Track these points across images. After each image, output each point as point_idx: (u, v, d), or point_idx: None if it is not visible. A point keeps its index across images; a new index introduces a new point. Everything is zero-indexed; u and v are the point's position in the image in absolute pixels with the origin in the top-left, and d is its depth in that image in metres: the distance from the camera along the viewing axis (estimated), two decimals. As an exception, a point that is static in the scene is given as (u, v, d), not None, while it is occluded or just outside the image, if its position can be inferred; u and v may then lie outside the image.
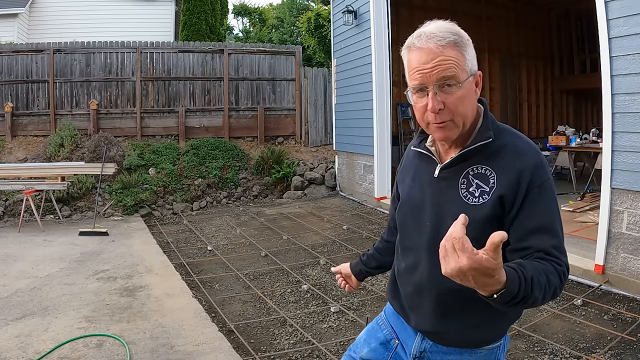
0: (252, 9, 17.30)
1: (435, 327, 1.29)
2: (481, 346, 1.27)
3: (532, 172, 1.15)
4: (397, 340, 1.42)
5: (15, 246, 5.47)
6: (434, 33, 1.15)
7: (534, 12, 10.46)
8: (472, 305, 1.21)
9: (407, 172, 1.40)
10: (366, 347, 1.47)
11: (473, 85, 1.20)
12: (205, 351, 3.01)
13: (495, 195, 1.16)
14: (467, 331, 1.25)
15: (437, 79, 1.15)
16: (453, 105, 1.16)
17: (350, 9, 7.61)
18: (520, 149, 1.19)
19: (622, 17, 3.65)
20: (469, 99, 1.19)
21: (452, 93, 1.15)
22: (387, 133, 7.32)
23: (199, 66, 9.56)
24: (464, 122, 1.19)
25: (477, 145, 1.20)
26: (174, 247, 5.48)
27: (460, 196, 1.21)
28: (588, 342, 3.00)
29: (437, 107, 1.16)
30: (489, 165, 1.20)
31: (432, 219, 1.26)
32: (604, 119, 3.85)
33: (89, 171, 7.02)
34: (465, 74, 1.17)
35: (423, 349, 1.34)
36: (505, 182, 1.16)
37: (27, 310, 3.60)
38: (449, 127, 1.19)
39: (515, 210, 1.16)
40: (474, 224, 1.16)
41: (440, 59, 1.14)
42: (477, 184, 1.20)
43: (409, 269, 1.33)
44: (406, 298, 1.36)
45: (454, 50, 1.15)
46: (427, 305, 1.28)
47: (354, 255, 5.02)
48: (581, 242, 4.60)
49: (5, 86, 8.84)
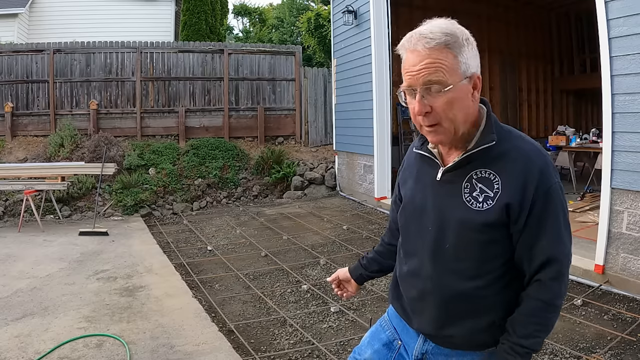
0: (252, 9, 17.31)
1: (440, 331, 1.28)
2: (485, 348, 1.26)
3: (537, 177, 1.14)
4: (399, 341, 1.41)
5: (15, 246, 5.46)
6: (424, 34, 1.13)
7: (534, 12, 10.46)
8: (477, 309, 1.22)
9: (409, 174, 1.38)
10: (370, 349, 1.47)
11: (469, 88, 1.16)
12: (205, 351, 3.01)
13: (501, 203, 1.15)
14: (472, 335, 1.25)
15: (423, 82, 1.13)
16: (440, 109, 1.14)
17: (350, 9, 7.61)
18: (525, 152, 1.17)
19: (622, 17, 3.65)
20: (459, 103, 1.15)
21: (438, 97, 1.13)
22: (387, 133, 7.32)
23: (199, 66, 9.56)
24: (454, 126, 1.16)
25: (480, 148, 1.18)
26: (174, 247, 5.48)
27: (463, 200, 1.20)
28: (588, 342, 3.00)
29: (423, 110, 1.15)
30: (493, 169, 1.18)
31: (435, 223, 1.24)
32: (604, 119, 3.85)
33: (89, 171, 7.02)
34: (456, 77, 1.13)
35: (425, 351, 1.33)
36: (510, 188, 1.15)
37: (27, 310, 3.60)
38: (438, 131, 1.17)
39: (522, 223, 1.16)
40: (479, 229, 1.17)
41: (427, 62, 1.12)
42: (481, 188, 1.18)
43: (412, 274, 1.32)
44: (409, 302, 1.35)
45: (443, 53, 1.12)
46: (432, 310, 1.27)
47: (354, 255, 5.02)
48: (581, 242, 4.60)
49: (5, 86, 8.83)
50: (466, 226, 1.18)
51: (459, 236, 1.20)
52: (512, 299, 1.22)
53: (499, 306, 1.22)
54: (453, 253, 1.21)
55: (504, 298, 1.22)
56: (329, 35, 9.77)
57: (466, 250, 1.20)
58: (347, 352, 3.02)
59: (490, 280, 1.20)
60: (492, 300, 1.21)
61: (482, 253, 1.19)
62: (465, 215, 1.19)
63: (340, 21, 8.02)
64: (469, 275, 1.20)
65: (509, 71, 10.33)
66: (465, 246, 1.20)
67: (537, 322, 1.16)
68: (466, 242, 1.19)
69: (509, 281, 1.22)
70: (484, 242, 1.18)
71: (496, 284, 1.21)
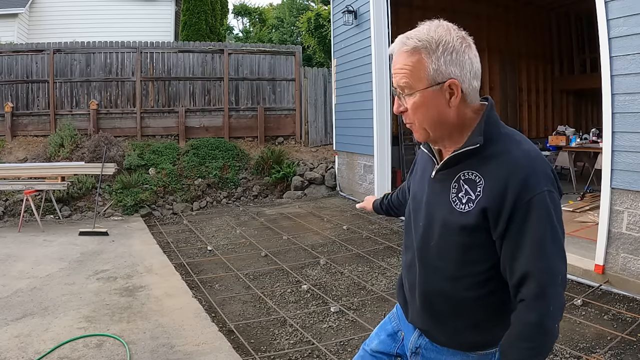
0: (252, 9, 17.30)
1: (425, 326, 1.32)
2: (474, 350, 1.26)
3: (520, 185, 1.08)
4: (403, 332, 1.45)
5: (15, 246, 5.46)
6: (402, 39, 1.18)
7: (534, 12, 10.45)
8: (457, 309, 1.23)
9: (419, 169, 1.42)
10: (376, 339, 1.52)
11: (440, 94, 1.15)
12: (205, 351, 3.01)
13: (480, 206, 1.13)
14: (454, 334, 1.26)
15: (396, 84, 1.19)
16: (411, 111, 1.19)
17: (350, 9, 7.61)
18: (513, 158, 1.12)
19: (622, 17, 3.65)
20: (424, 108, 1.16)
21: (408, 99, 1.18)
22: (387, 133, 7.32)
23: (199, 66, 9.56)
24: (425, 128, 1.20)
25: (465, 149, 1.17)
26: (174, 247, 5.48)
27: (449, 200, 1.20)
28: (588, 342, 3.00)
29: (398, 109, 1.22)
30: (479, 171, 1.16)
31: (425, 220, 1.27)
32: (604, 119, 3.85)
33: (89, 171, 7.02)
34: (422, 83, 1.14)
35: (419, 345, 1.35)
36: (490, 192, 1.12)
37: (27, 310, 3.60)
38: (414, 129, 1.24)
39: (501, 231, 1.11)
40: (457, 232, 1.17)
41: (398, 67, 1.17)
42: (466, 190, 1.17)
43: (407, 266, 1.37)
44: (406, 292, 1.40)
45: (414, 58, 1.14)
46: (418, 304, 1.31)
47: (354, 255, 5.02)
48: (581, 242, 4.60)
49: (5, 86, 8.83)
50: (447, 227, 1.20)
51: (441, 236, 1.22)
52: (499, 307, 1.20)
53: (483, 310, 1.21)
54: (436, 251, 1.23)
55: (489, 304, 1.20)
56: (329, 35, 9.76)
57: (447, 250, 1.21)
58: (347, 352, 3.02)
59: (470, 283, 1.19)
60: (474, 304, 1.20)
61: (461, 256, 1.19)
62: (447, 216, 1.20)
63: (340, 21, 8.02)
64: (449, 276, 1.22)
65: (508, 71, 10.33)
66: (446, 247, 1.21)
67: (529, 347, 1.08)
68: (447, 243, 1.21)
69: (496, 288, 1.18)
70: (463, 245, 1.18)
71: (479, 289, 1.19)
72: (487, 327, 1.23)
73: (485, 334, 1.23)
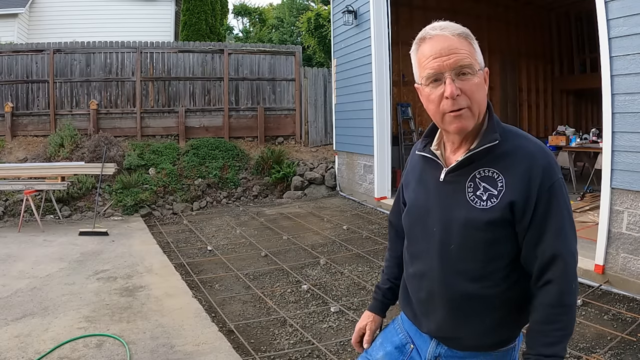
0: (252, 9, 17.30)
1: (450, 333, 1.27)
2: (496, 348, 1.26)
3: (541, 175, 1.15)
4: (412, 344, 1.40)
5: (15, 246, 5.46)
6: (446, 25, 1.19)
7: (534, 12, 10.46)
8: (486, 309, 1.22)
9: (412, 177, 1.39)
10: (381, 350, 1.46)
11: (484, 78, 1.22)
12: (205, 351, 3.01)
13: (506, 200, 1.16)
14: (482, 335, 1.24)
15: (454, 66, 1.16)
16: (470, 91, 1.17)
17: (350, 9, 7.61)
18: (530, 151, 1.19)
19: (622, 17, 3.65)
20: (483, 89, 1.20)
21: (468, 80, 1.17)
22: (387, 133, 7.32)
23: (199, 66, 9.56)
24: (479, 111, 1.20)
25: (484, 147, 1.19)
26: (174, 247, 5.48)
27: (467, 200, 1.20)
28: (588, 342, 2.99)
29: (455, 93, 1.15)
30: (496, 168, 1.19)
31: (440, 223, 1.25)
32: (604, 119, 3.85)
33: (89, 171, 7.02)
34: (478, 65, 1.19)
35: (438, 354, 1.32)
36: (514, 186, 1.16)
37: (27, 310, 3.60)
38: (465, 116, 1.18)
39: (527, 221, 1.16)
40: (483, 228, 1.18)
41: (457, 47, 1.16)
42: (485, 187, 1.19)
43: (420, 275, 1.32)
44: (418, 304, 1.34)
45: (466, 42, 1.18)
46: (440, 311, 1.27)
47: (354, 255, 5.02)
48: (581, 242, 4.54)
49: (5, 86, 8.83)
50: (470, 225, 1.19)
51: (464, 236, 1.20)
52: (518, 299, 1.23)
53: (505, 306, 1.23)
54: (458, 253, 1.21)
55: (510, 298, 1.22)
56: (329, 35, 9.76)
57: (471, 250, 1.20)
58: (347, 352, 3.02)
59: (495, 280, 1.20)
60: (498, 301, 1.22)
61: (487, 253, 1.19)
62: (469, 214, 1.19)
63: (340, 21, 8.02)
64: (475, 276, 1.21)
65: (509, 71, 10.33)
66: (470, 246, 1.20)
67: (557, 327, 1.14)
68: (471, 242, 1.20)
69: (515, 281, 1.22)
70: (489, 241, 1.19)
71: (502, 284, 1.21)
72: (511, 322, 1.25)
73: (510, 329, 1.26)
